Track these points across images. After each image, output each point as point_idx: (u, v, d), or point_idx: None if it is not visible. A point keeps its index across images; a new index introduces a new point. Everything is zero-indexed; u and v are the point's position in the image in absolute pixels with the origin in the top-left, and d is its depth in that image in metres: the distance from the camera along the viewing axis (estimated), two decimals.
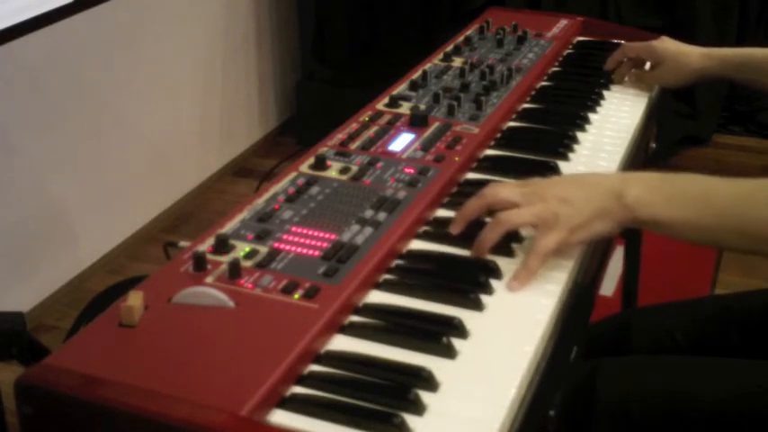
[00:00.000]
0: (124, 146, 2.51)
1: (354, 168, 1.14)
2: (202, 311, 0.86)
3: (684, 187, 1.01)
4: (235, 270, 0.91)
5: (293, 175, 1.12)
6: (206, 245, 0.96)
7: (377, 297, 0.94)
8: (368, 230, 0.99)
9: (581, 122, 1.37)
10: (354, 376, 0.81)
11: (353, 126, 1.26)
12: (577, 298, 1.00)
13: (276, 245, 0.97)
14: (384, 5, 3.11)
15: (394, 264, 1.00)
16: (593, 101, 1.46)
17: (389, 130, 1.25)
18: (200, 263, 0.92)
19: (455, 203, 1.12)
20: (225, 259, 0.93)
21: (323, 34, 3.22)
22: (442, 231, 1.04)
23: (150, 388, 0.75)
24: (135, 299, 0.84)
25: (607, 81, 1.55)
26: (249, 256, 0.94)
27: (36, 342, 1.57)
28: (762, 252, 1.00)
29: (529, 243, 1.00)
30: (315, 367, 0.83)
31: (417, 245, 1.04)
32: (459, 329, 0.87)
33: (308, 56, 3.30)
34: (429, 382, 0.80)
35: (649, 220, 0.99)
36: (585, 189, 1.01)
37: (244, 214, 1.03)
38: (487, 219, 1.02)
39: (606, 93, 1.51)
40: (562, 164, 1.23)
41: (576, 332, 1.00)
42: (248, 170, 3.09)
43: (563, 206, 0.99)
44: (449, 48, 1.58)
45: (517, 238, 1.03)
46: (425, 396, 0.79)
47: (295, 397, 0.79)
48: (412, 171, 1.13)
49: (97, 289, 2.20)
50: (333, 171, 1.13)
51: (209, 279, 0.91)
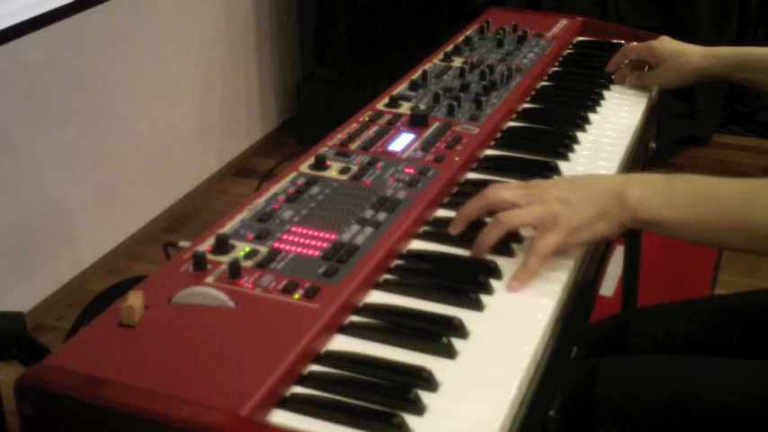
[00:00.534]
0: (124, 146, 2.51)
1: (354, 168, 1.14)
2: (202, 311, 0.85)
3: (685, 188, 1.01)
4: (235, 270, 0.91)
5: (293, 175, 1.12)
6: (206, 245, 0.96)
7: (377, 297, 0.94)
8: (368, 230, 0.99)
9: (581, 122, 1.37)
10: (354, 376, 0.81)
11: (353, 126, 1.26)
12: (577, 298, 1.00)
13: (276, 245, 0.97)
14: (384, 5, 3.11)
15: (394, 264, 1.00)
16: (593, 101, 1.46)
17: (389, 130, 1.25)
18: (200, 263, 0.92)
19: (455, 203, 1.12)
20: (225, 259, 0.93)
21: (323, 34, 3.23)
22: (442, 231, 1.04)
23: (150, 388, 0.75)
24: (135, 299, 0.84)
25: (607, 81, 1.55)
26: (249, 256, 0.94)
27: (36, 342, 1.57)
28: (763, 251, 1.00)
29: (529, 243, 1.00)
30: (315, 367, 0.83)
31: (417, 245, 1.04)
32: (459, 329, 0.87)
33: (308, 56, 3.30)
34: (429, 382, 0.80)
35: (650, 221, 0.99)
36: (586, 190, 1.01)
37: (244, 214, 1.03)
38: (488, 219, 1.02)
39: (606, 93, 1.51)
40: (562, 164, 1.23)
41: (576, 332, 1.00)
42: (248, 170, 3.09)
43: (563, 207, 0.99)
44: (449, 48, 1.58)
45: (517, 239, 1.03)
46: (425, 396, 0.79)
47: (295, 397, 0.79)
48: (412, 171, 1.13)
49: (97, 289, 2.20)
50: (333, 171, 1.13)
51: (209, 279, 0.91)
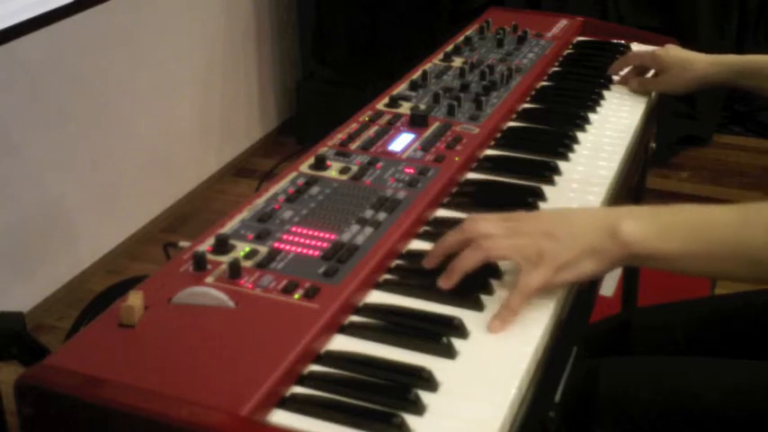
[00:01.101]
0: (124, 146, 2.51)
1: (354, 168, 1.14)
2: (202, 311, 0.85)
3: (679, 219, 0.96)
4: (235, 270, 0.91)
5: (293, 175, 1.12)
6: (206, 245, 0.96)
7: (377, 297, 0.94)
8: (368, 230, 0.99)
9: (581, 122, 1.37)
10: (354, 376, 0.81)
11: (353, 126, 1.26)
12: (577, 298, 0.99)
13: (276, 245, 0.97)
14: (384, 5, 3.11)
15: (394, 264, 1.00)
16: (593, 101, 1.46)
17: (389, 130, 1.25)
18: (200, 263, 0.92)
19: (455, 203, 1.12)
20: (225, 259, 0.93)
21: (323, 34, 3.23)
22: (442, 231, 1.04)
23: (150, 388, 0.75)
24: (135, 299, 0.84)
25: (607, 81, 1.54)
26: (249, 256, 0.94)
27: (36, 342, 1.57)
28: (762, 278, 0.95)
29: (510, 279, 0.95)
30: (315, 367, 0.83)
31: (417, 245, 1.04)
32: (459, 329, 0.87)
33: (308, 56, 3.30)
34: (429, 382, 0.80)
35: (649, 256, 0.94)
36: (572, 225, 0.95)
37: (244, 214, 1.03)
38: None
39: (606, 93, 1.51)
40: (562, 164, 1.23)
41: (576, 332, 1.00)
42: (248, 170, 3.08)
43: (548, 242, 0.93)
44: (449, 48, 1.58)
45: (497, 274, 0.97)
46: (425, 396, 0.79)
47: (295, 397, 0.79)
48: (412, 171, 1.13)
49: (97, 289, 2.20)
50: (333, 171, 1.13)
51: (209, 279, 0.91)
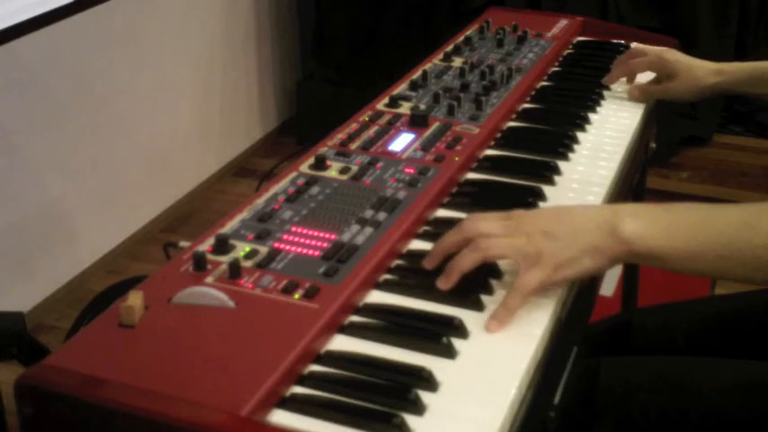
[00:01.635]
0: (124, 146, 2.51)
1: (354, 168, 1.14)
2: (202, 311, 0.85)
3: (680, 217, 0.96)
4: (235, 270, 0.91)
5: (293, 175, 1.12)
6: (206, 245, 0.96)
7: (377, 297, 0.94)
8: (368, 230, 0.99)
9: (581, 122, 1.37)
10: (354, 376, 0.81)
11: (353, 126, 1.26)
12: (577, 298, 0.99)
13: (276, 245, 0.97)
14: (384, 5, 3.11)
15: (394, 264, 1.00)
16: (593, 101, 1.46)
17: (389, 130, 1.25)
18: (200, 263, 0.92)
19: (455, 203, 1.12)
20: (225, 259, 0.93)
21: (323, 34, 3.22)
22: (442, 231, 1.04)
23: (150, 388, 0.75)
24: (135, 299, 0.84)
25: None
26: (249, 256, 0.94)
27: (36, 342, 1.57)
28: (763, 280, 0.95)
29: (509, 279, 0.95)
30: (315, 367, 0.83)
31: (417, 245, 1.04)
32: (459, 329, 0.87)
33: (308, 56, 3.30)
34: (429, 382, 0.80)
35: (649, 254, 0.93)
36: (572, 223, 0.94)
37: (244, 214, 1.03)
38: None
39: (606, 93, 1.51)
40: (562, 164, 1.23)
41: (576, 332, 1.00)
42: (248, 170, 3.08)
43: (547, 241, 0.92)
44: (449, 48, 1.58)
45: (496, 274, 0.97)
46: (425, 396, 0.79)
47: (295, 397, 0.79)
48: (412, 171, 1.13)
49: (97, 289, 2.20)
50: (333, 171, 1.13)
51: (209, 279, 0.91)
